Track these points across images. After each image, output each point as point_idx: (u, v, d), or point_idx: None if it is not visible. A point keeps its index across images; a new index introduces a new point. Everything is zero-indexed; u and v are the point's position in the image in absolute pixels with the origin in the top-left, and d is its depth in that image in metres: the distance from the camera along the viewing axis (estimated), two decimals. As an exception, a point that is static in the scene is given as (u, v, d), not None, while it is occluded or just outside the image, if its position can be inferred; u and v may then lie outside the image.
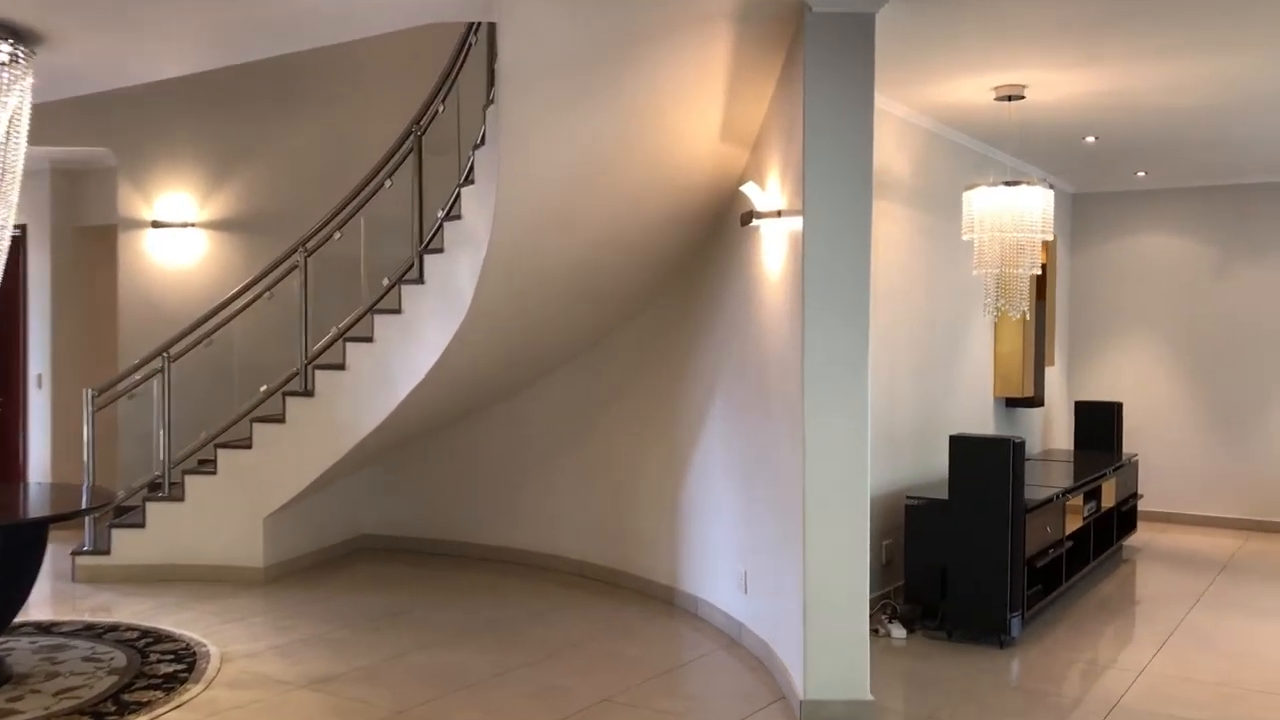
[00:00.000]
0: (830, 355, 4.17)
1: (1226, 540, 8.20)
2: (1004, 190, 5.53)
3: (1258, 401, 8.57)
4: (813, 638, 4.19)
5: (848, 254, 4.17)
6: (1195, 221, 8.80)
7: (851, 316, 4.18)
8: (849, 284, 4.18)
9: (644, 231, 5.50)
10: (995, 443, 5.31)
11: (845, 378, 4.18)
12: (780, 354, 4.56)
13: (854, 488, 4.22)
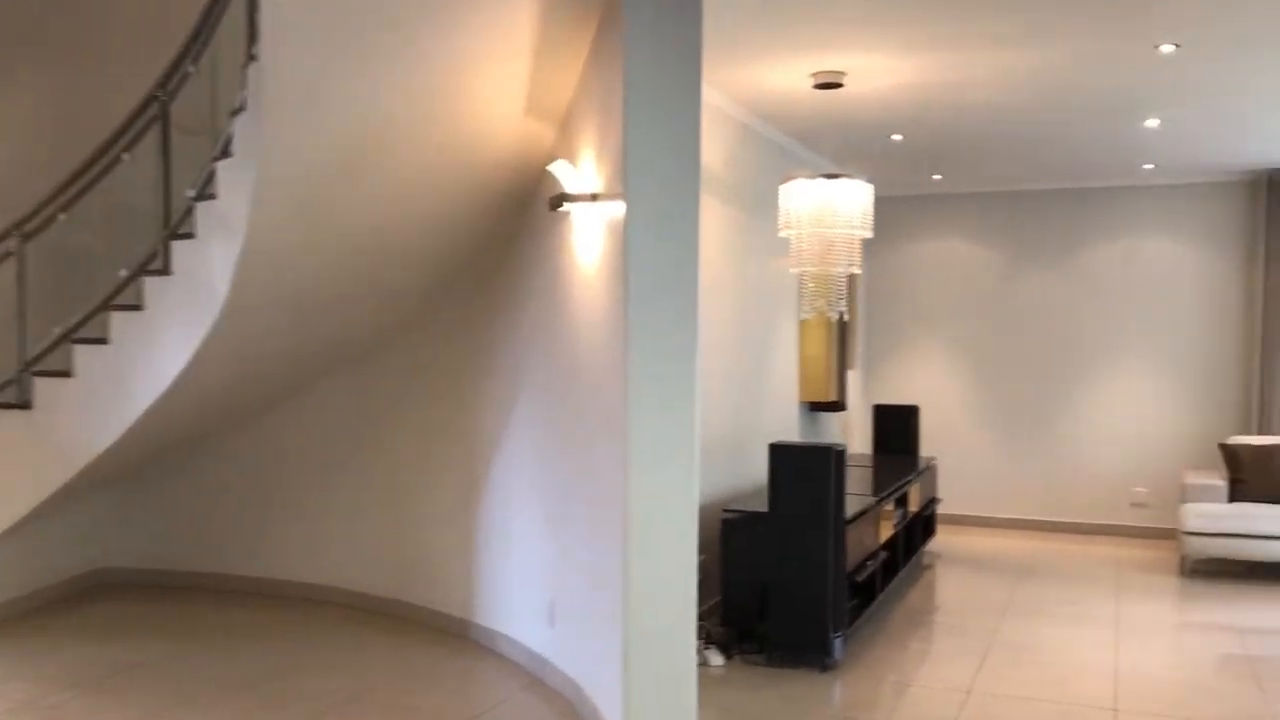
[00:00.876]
0: (657, 358, 3.66)
1: (1019, 542, 8.30)
2: (824, 183, 5.21)
3: (1046, 403, 8.74)
4: (634, 674, 3.67)
5: (675, 243, 3.68)
6: (986, 226, 8.90)
7: (679, 314, 3.69)
8: (676, 277, 3.68)
9: (437, 216, 4.84)
10: (818, 451, 4.97)
11: (673, 383, 3.69)
12: (597, 356, 4.02)
13: (682, 504, 3.73)
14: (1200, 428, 8.30)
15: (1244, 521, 6.93)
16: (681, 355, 3.70)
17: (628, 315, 3.62)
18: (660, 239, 3.66)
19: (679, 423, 3.70)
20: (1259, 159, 7.61)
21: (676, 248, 3.69)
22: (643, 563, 3.68)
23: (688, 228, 3.70)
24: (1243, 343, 8.18)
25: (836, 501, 4.95)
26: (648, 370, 3.65)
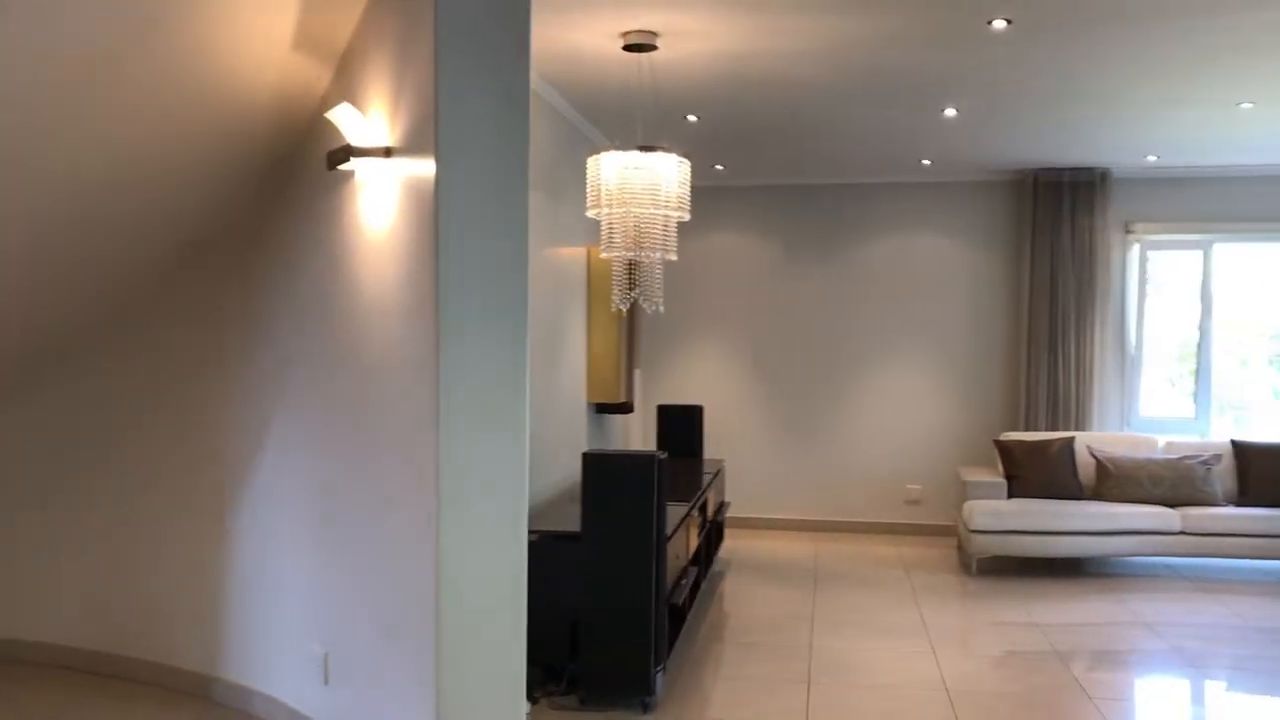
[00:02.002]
0: (477, 357, 2.92)
1: (803, 543, 8.06)
2: (639, 157, 4.60)
3: (824, 401, 8.57)
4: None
5: (501, 212, 2.95)
6: (764, 220, 8.63)
7: (506, 301, 2.96)
8: (502, 254, 2.95)
9: (170, 171, 3.83)
10: (640, 460, 4.35)
11: (498, 386, 2.96)
12: (392, 355, 3.21)
13: (509, 533, 3.01)
14: (972, 424, 8.37)
15: (1027, 518, 6.95)
16: (508, 357, 2.98)
17: (438, 305, 2.86)
18: (482, 208, 2.92)
19: (505, 437, 2.97)
20: (1028, 159, 7.71)
21: (502, 218, 2.96)
22: (460, 606, 2.93)
23: (516, 194, 2.98)
24: (1011, 340, 8.32)
25: (659, 517, 4.35)
26: (465, 372, 2.90)
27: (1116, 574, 7.11)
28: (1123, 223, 8.09)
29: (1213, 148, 7.10)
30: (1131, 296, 8.16)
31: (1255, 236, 8.12)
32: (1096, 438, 7.63)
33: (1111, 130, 6.63)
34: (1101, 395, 8.06)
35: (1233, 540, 6.89)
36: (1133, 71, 5.24)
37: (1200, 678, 5.09)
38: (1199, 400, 8.19)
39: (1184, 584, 6.87)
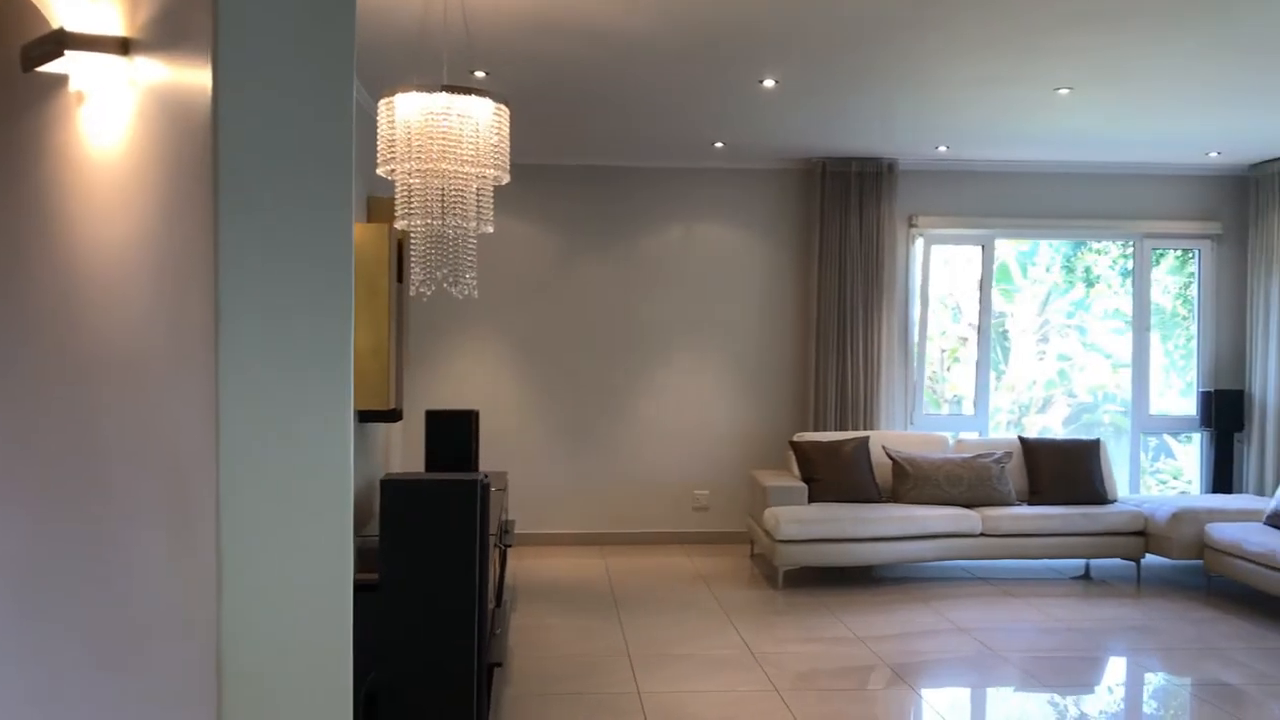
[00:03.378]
0: (277, 365, 1.93)
1: (593, 560, 7.30)
2: (447, 99, 3.66)
3: (608, 402, 7.85)
4: None
5: (316, 148, 1.97)
6: (544, 204, 7.80)
7: (324, 276, 1.99)
8: (318, 206, 1.97)
9: None
10: (459, 487, 3.41)
11: (311, 405, 1.98)
12: (137, 348, 2.13)
13: (332, 585, 2.03)
14: (761, 424, 7.92)
15: (834, 525, 6.52)
16: (329, 350, 2.00)
17: (219, 280, 1.85)
18: (285, 132, 1.93)
19: (323, 479, 2.00)
20: (819, 146, 7.34)
21: (317, 157, 1.98)
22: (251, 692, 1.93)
23: (339, 125, 2.00)
24: (800, 336, 7.93)
25: (483, 558, 3.44)
26: (255, 379, 1.91)
27: (919, 579, 6.83)
28: (907, 216, 7.90)
29: (1008, 139, 6.97)
30: (915, 292, 7.99)
31: (1033, 232, 8.16)
32: (890, 437, 7.36)
33: (913, 114, 6.31)
34: (889, 393, 7.82)
35: (1030, 541, 6.77)
36: (958, 47, 4.85)
37: (1040, 687, 4.77)
38: (979, 397, 8.14)
39: (988, 588, 6.67)
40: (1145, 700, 4.91)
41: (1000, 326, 10.89)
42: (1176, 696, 4.87)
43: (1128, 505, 6.97)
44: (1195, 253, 8.22)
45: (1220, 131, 6.75)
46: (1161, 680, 5.02)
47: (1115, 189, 7.99)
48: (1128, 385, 10.95)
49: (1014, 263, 10.67)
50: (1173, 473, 10.59)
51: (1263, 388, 7.72)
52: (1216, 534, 6.37)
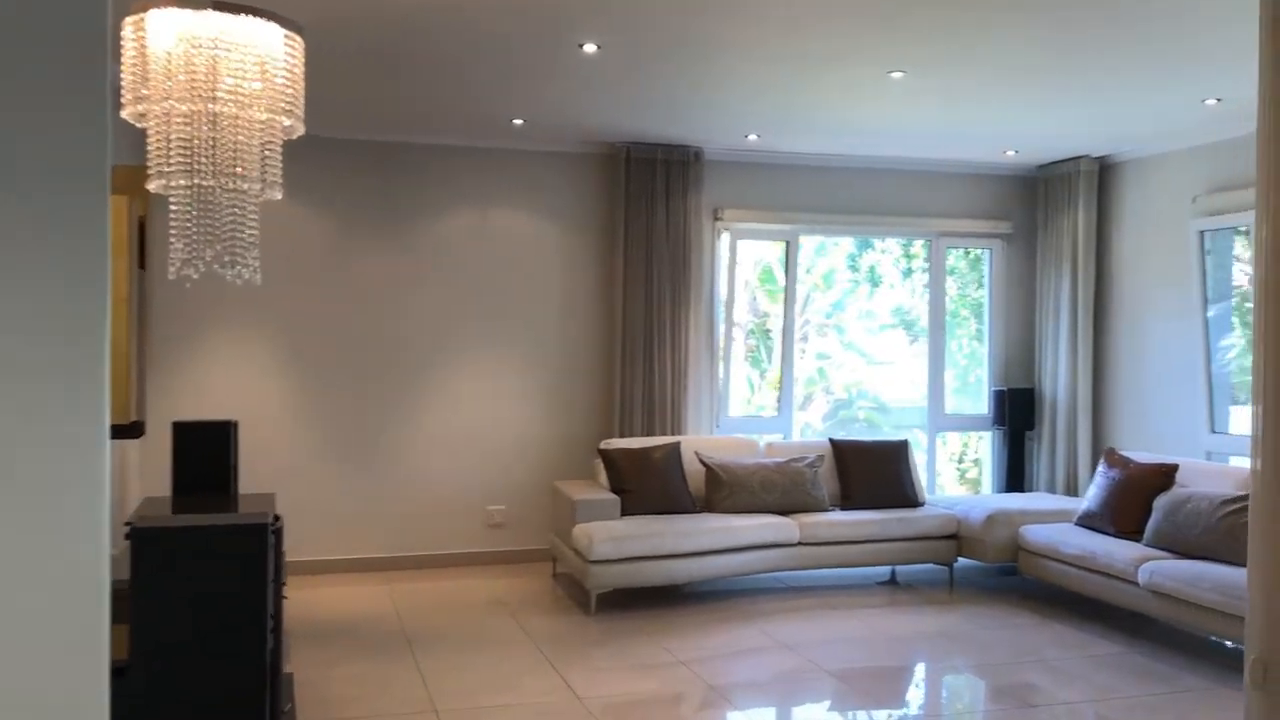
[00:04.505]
0: None
1: (376, 589, 6.41)
2: (219, 20, 2.79)
3: (392, 409, 6.97)
4: None
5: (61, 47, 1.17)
6: (319, 181, 6.83)
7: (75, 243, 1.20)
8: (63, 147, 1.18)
9: None
10: (236, 535, 2.57)
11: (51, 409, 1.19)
12: None
13: None
14: (562, 430, 7.27)
15: (651, 541, 5.97)
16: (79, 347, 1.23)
17: None
18: None
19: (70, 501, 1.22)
20: (624, 130, 6.79)
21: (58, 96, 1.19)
22: None
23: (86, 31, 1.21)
24: (605, 335, 7.34)
25: (277, 623, 2.62)
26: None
27: (739, 594, 6.39)
28: (713, 208, 7.48)
29: (826, 128, 6.65)
30: (721, 287, 7.58)
31: (836, 229, 7.94)
32: (701, 442, 6.90)
33: (734, 93, 5.86)
34: (696, 395, 7.37)
35: (846, 548, 6.47)
36: (801, 10, 4.41)
37: (871, 704, 4.40)
38: (783, 397, 7.84)
39: (809, 600, 6.32)
40: (972, 712, 4.63)
41: (763, 326, 10.87)
42: (1006, 706, 4.62)
43: (939, 508, 6.81)
44: (987, 252, 8.26)
45: (1023, 129, 6.71)
46: (989, 690, 4.76)
47: (916, 186, 7.89)
48: (882, 383, 11.20)
49: (776, 264, 10.63)
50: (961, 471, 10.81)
51: (1052, 386, 7.82)
52: (1031, 536, 6.27)
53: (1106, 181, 7.62)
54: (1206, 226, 6.74)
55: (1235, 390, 7.01)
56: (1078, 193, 7.60)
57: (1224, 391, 6.84)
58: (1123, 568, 5.54)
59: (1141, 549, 5.60)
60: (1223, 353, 6.85)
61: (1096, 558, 5.72)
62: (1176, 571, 5.22)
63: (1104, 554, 5.68)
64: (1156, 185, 7.19)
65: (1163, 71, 5.31)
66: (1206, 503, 5.46)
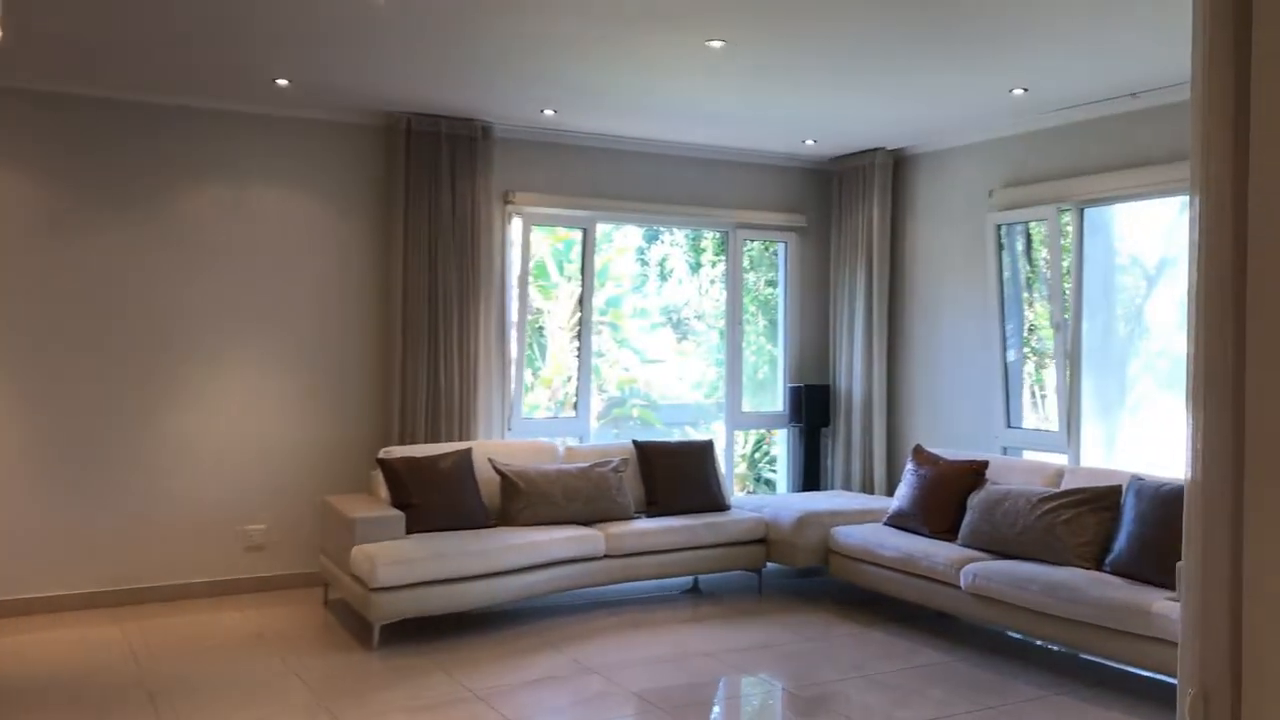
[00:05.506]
0: None
1: (106, 631, 5.36)
2: None
3: (125, 419, 5.90)
4: None
5: None
6: (24, 144, 5.67)
7: None
8: None
9: None
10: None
11: None
12: None
13: None
14: (337, 438, 6.42)
15: (443, 563, 5.26)
16: None
17: None
18: None
19: None
20: (401, 97, 6.05)
21: None
22: None
23: None
24: (384, 331, 6.54)
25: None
26: None
27: (541, 616, 5.78)
28: (503, 191, 6.83)
29: (631, 105, 6.14)
30: (513, 278, 6.94)
31: (634, 217, 7.47)
32: (494, 448, 6.25)
33: (533, 56, 5.26)
34: (487, 396, 6.70)
35: (654, 559, 6.00)
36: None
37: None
38: (580, 397, 7.28)
39: (615, 618, 5.79)
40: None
41: (536, 323, 10.40)
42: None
43: (747, 511, 6.46)
44: (782, 245, 8.02)
45: (826, 117, 6.47)
46: (817, 712, 4.40)
47: (714, 175, 7.54)
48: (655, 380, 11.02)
49: (550, 260, 10.19)
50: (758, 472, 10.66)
51: (847, 382, 7.67)
52: (844, 538, 6.01)
53: (902, 175, 7.54)
54: (1003, 221, 6.72)
55: (1028, 385, 7.05)
56: (873, 186, 7.47)
57: (1018, 385, 6.86)
58: (943, 570, 5.33)
59: (961, 550, 5.42)
60: (1017, 345, 6.86)
61: (916, 560, 5.50)
62: (1000, 573, 5.05)
63: (923, 556, 5.47)
64: (953, 179, 7.15)
65: (972, 58, 5.15)
66: (1024, 501, 5.33)
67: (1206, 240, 1.54)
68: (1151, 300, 6.85)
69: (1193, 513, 1.45)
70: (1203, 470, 1.49)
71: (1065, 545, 5.03)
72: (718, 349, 10.61)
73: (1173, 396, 6.78)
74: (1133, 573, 4.73)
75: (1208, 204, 1.45)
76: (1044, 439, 6.58)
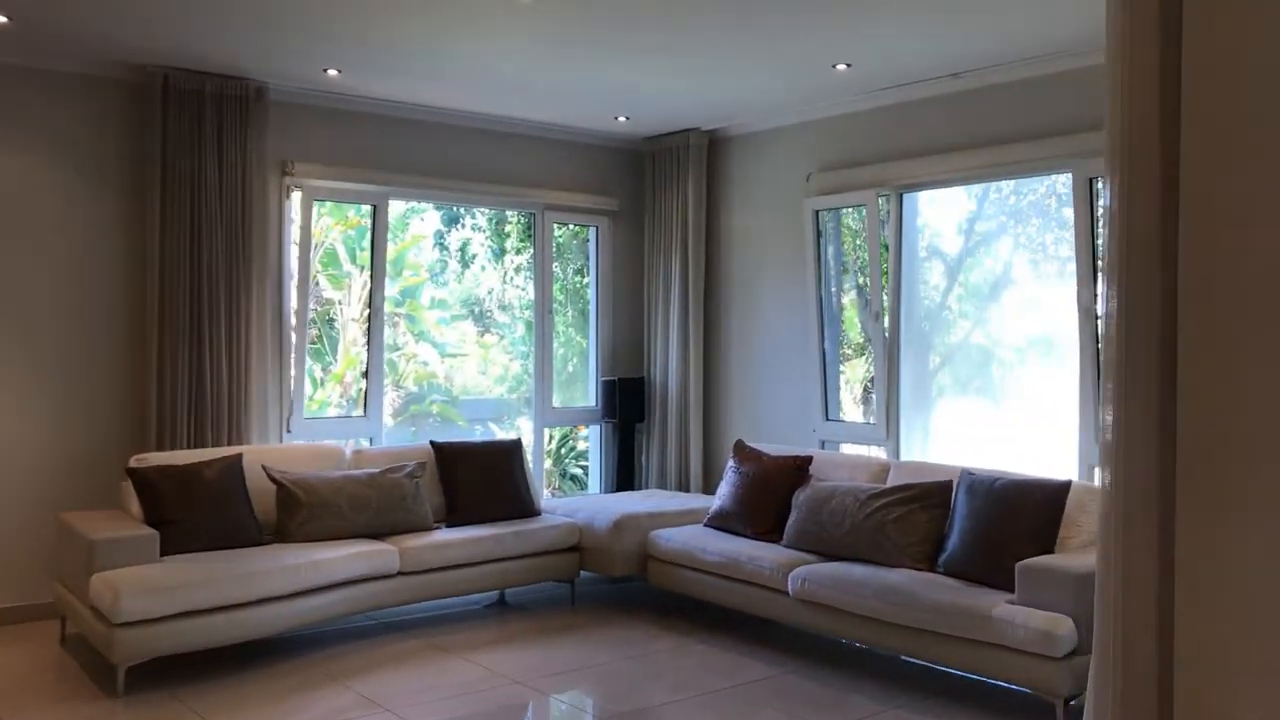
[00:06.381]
0: None
1: None
2: None
3: None
4: None
5: None
6: None
7: None
8: None
9: None
10: None
11: None
12: None
13: None
14: (79, 446, 5.48)
15: (204, 591, 4.47)
16: None
17: None
18: None
19: None
20: (157, 47, 5.22)
21: None
22: None
23: None
24: (136, 321, 5.62)
25: None
26: None
27: (323, 646, 5.06)
28: (280, 161, 6.04)
29: (426, 66, 5.48)
30: (293, 261, 6.16)
31: (433, 194, 6.80)
32: (270, 453, 5.49)
33: (295, 13, 4.57)
34: (261, 395, 5.90)
35: (456, 574, 5.39)
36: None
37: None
38: (371, 393, 6.56)
39: (409, 641, 5.14)
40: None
41: (327, 315, 9.64)
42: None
43: (559, 516, 5.93)
44: (593, 230, 7.54)
45: (638, 89, 6.02)
46: (666, 748, 3.95)
47: (521, 152, 6.96)
48: (456, 375, 10.47)
49: (341, 247, 9.45)
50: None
51: (662, 375, 7.26)
52: (663, 543, 5.57)
53: (718, 156, 7.18)
54: (821, 206, 6.45)
55: (847, 377, 6.84)
56: (687, 168, 7.07)
57: (837, 377, 6.62)
58: (770, 574, 4.97)
59: (788, 552, 5.07)
60: (835, 336, 6.62)
61: (740, 564, 5.12)
62: (829, 577, 4.71)
63: (748, 559, 5.09)
64: (770, 162, 6.84)
65: (795, 29, 4.80)
66: (851, 499, 5.02)
67: (1130, 229, 1.34)
68: (954, 291, 6.77)
69: (1112, 511, 1.36)
70: (1124, 466, 1.36)
71: (896, 545, 4.75)
72: (523, 340, 10.08)
73: (976, 390, 6.71)
74: (967, 573, 4.48)
75: (1131, 181, 1.31)
76: (863, 432, 6.36)
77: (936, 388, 6.57)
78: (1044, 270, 6.39)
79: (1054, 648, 3.88)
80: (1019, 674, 4.02)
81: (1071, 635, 3.88)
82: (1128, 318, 1.34)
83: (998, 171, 5.63)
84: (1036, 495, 4.45)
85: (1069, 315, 5.29)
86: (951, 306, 6.76)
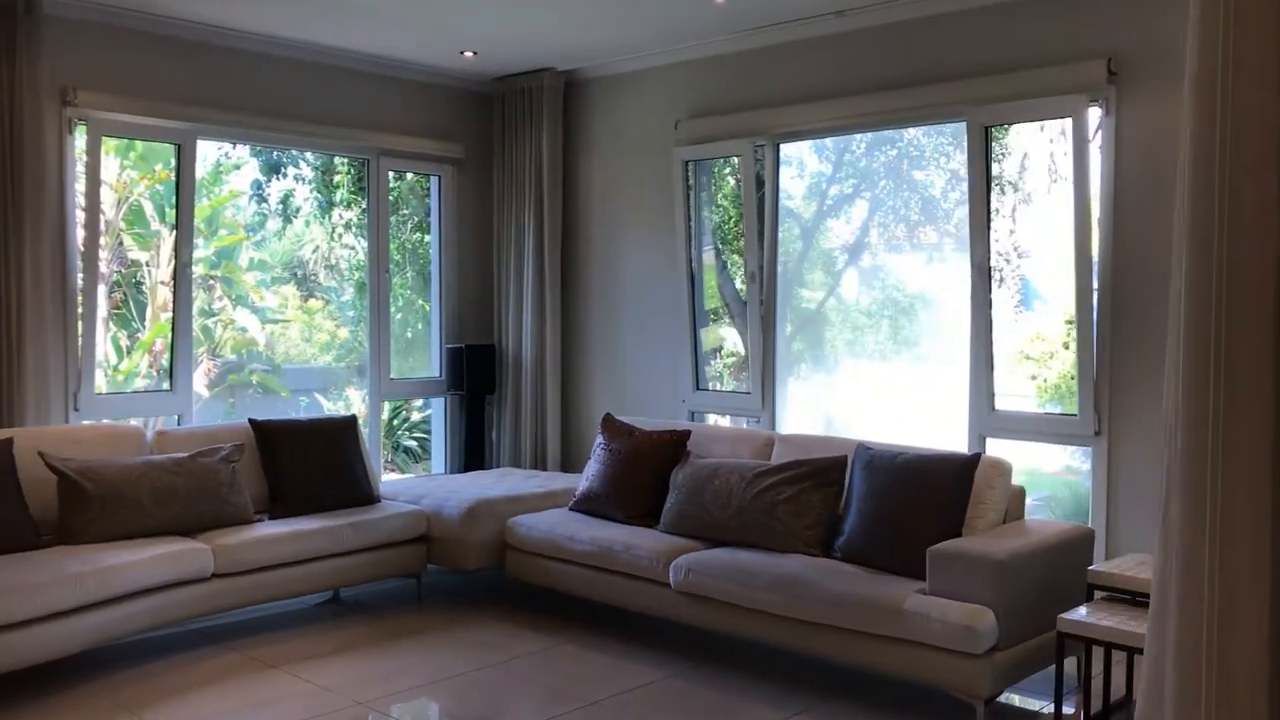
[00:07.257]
0: None
1: None
2: None
3: None
4: None
5: None
6: None
7: None
8: None
9: None
10: None
11: None
12: None
13: None
14: None
15: (-40, 608, 3.61)
16: None
17: None
18: None
19: None
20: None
21: None
22: None
23: None
24: None
25: None
26: None
27: (117, 663, 4.22)
28: (60, 88, 5.06)
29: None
30: (77, 208, 5.20)
31: (249, 134, 5.91)
32: (51, 435, 4.58)
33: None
34: (39, 368, 4.95)
35: (281, 574, 4.62)
36: None
37: None
38: (179, 363, 5.66)
39: (222, 657, 4.35)
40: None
41: (133, 277, 8.65)
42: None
43: (401, 503, 5.23)
44: (435, 179, 6.78)
45: (483, 20, 5.34)
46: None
47: (353, 89, 6.14)
48: (278, 343, 9.63)
49: (149, 203, 8.45)
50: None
51: (515, 342, 6.61)
52: (524, 530, 4.95)
53: (575, 100, 6.54)
54: (692, 156, 5.92)
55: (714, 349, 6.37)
56: (541, 112, 6.41)
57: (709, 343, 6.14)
58: (648, 564, 4.42)
59: (668, 539, 4.54)
60: (704, 301, 6.13)
61: (614, 553, 4.55)
62: (716, 566, 4.20)
63: (623, 548, 4.53)
64: (634, 107, 6.25)
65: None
66: (736, 477, 4.52)
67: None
68: (810, 255, 6.41)
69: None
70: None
71: (788, 529, 4.28)
72: (352, 305, 9.23)
73: (851, 356, 6.38)
74: (868, 558, 4.05)
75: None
76: (736, 402, 5.90)
77: (793, 355, 6.19)
78: (894, 234, 6.13)
79: (975, 643, 3.48)
80: (935, 673, 3.60)
81: (993, 629, 3.49)
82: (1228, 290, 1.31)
83: (885, 120, 5.22)
84: (943, 471, 4.05)
85: (927, 279, 4.99)
86: (804, 271, 6.40)
